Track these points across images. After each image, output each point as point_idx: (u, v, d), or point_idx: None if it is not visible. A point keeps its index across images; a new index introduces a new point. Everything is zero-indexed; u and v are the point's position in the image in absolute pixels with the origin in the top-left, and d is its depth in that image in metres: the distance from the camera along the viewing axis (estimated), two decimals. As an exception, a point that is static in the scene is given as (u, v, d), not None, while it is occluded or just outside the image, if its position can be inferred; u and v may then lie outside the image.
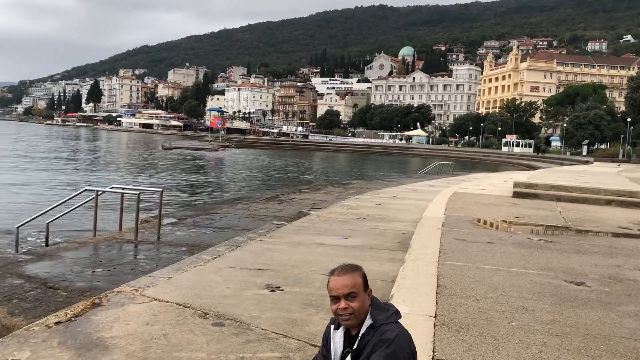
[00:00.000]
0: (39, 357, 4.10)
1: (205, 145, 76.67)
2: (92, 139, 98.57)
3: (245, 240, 9.17)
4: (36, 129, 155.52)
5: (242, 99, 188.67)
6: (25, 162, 39.26)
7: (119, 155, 57.80)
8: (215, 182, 31.66)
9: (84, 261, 8.03)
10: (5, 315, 5.73)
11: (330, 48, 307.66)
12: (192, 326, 4.99)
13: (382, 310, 2.46)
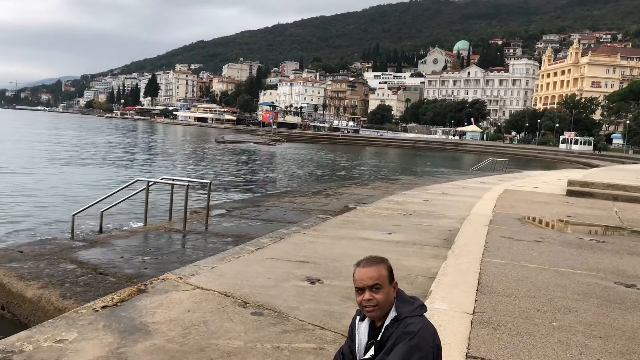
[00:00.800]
0: (84, 339, 4.30)
1: (256, 139, 77.69)
2: (149, 132, 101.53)
3: (289, 232, 9.27)
4: (96, 121, 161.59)
5: (294, 93, 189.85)
6: (84, 152, 40.92)
7: (173, 147, 59.35)
8: (264, 176, 32.08)
9: (134, 249, 8.32)
10: (58, 298, 6.02)
11: (383, 42, 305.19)
12: (231, 315, 5.10)
13: (407, 303, 2.46)
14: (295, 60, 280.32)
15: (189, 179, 11.38)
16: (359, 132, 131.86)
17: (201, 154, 49.32)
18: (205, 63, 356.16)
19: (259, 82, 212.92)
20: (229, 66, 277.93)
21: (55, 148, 43.79)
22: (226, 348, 4.32)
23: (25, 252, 7.76)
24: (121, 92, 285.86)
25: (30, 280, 6.50)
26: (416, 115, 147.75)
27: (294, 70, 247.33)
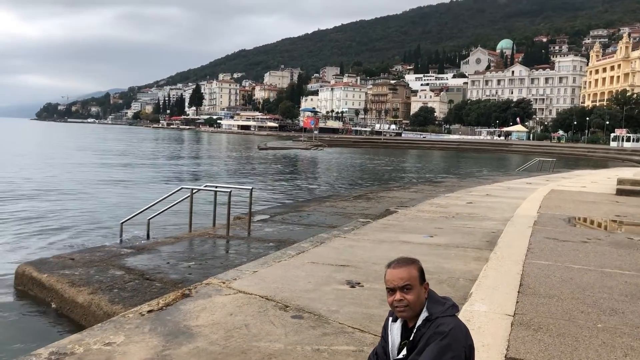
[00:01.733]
0: (131, 342, 4.46)
1: (298, 145, 78.23)
2: (194, 141, 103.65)
3: (330, 237, 9.33)
4: (144, 132, 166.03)
5: (335, 98, 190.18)
6: (133, 161, 42.10)
7: (217, 155, 60.38)
8: (306, 181, 32.27)
9: (179, 255, 8.55)
10: (107, 303, 6.26)
11: (424, 44, 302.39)
12: (272, 318, 5.20)
13: (438, 304, 2.47)
14: (335, 65, 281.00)
15: (232, 185, 11.60)
16: (401, 135, 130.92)
17: (244, 161, 50.03)
18: (247, 71, 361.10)
19: (300, 89, 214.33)
20: (270, 74, 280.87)
21: (105, 158, 45.24)
22: (267, 350, 4.40)
23: (76, 260, 8.09)
24: (167, 102, 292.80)
25: (81, 286, 6.78)
26: (460, 117, 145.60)
27: (335, 75, 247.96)
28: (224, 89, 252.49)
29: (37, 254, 10.66)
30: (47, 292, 7.14)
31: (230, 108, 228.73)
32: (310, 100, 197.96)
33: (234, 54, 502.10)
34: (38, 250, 11.35)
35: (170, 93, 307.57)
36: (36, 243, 12.15)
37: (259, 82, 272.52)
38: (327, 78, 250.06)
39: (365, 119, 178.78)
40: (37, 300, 7.36)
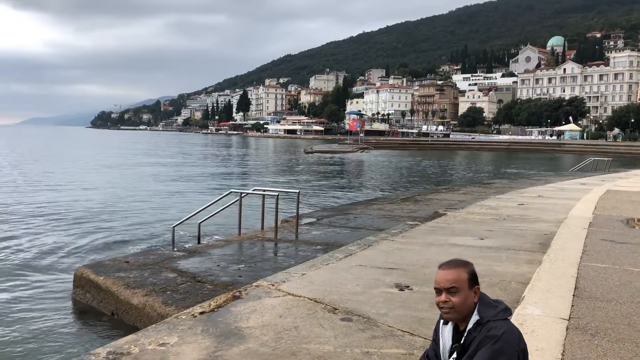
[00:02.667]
0: (184, 342, 4.57)
1: (344, 148, 78.21)
2: (242, 146, 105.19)
3: (377, 239, 9.29)
4: (193, 138, 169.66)
5: (381, 100, 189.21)
6: (185, 167, 43.09)
7: (265, 160, 61.08)
8: (352, 184, 32.22)
9: (229, 258, 8.69)
10: (160, 304, 6.43)
11: (471, 43, 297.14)
12: (321, 320, 5.22)
13: (490, 307, 2.43)
14: (381, 67, 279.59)
15: (279, 189, 11.72)
16: (449, 136, 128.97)
17: (291, 165, 50.42)
18: (293, 76, 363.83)
19: (345, 92, 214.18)
20: (315, 78, 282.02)
21: (157, 164, 46.48)
22: (317, 352, 4.43)
23: (131, 262, 8.34)
24: (215, 108, 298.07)
25: (135, 289, 6.99)
26: (509, 116, 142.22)
27: (380, 77, 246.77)
28: (270, 94, 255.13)
29: (94, 256, 11.08)
30: (103, 294, 7.40)
31: (277, 113, 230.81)
32: (355, 103, 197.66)
33: (280, 59, 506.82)
34: (95, 252, 11.80)
35: (218, 99, 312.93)
36: (93, 246, 12.63)
37: (304, 87, 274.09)
38: (372, 80, 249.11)
39: (412, 120, 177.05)
40: (94, 301, 7.64)
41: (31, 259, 11.27)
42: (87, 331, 7.01)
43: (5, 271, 10.33)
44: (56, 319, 7.46)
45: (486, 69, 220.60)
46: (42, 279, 9.58)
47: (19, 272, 10.20)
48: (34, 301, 8.33)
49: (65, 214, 17.52)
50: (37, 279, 9.59)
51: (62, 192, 23.98)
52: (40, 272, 10.13)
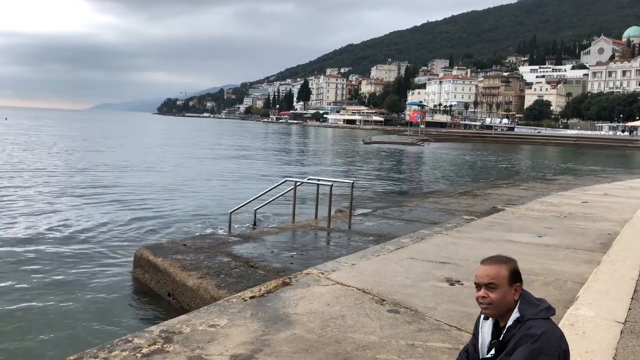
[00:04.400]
0: (234, 325, 4.71)
1: (403, 140, 77.38)
2: (301, 135, 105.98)
3: (431, 233, 9.20)
4: (254, 126, 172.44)
5: (443, 91, 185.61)
6: (244, 154, 43.90)
7: (322, 149, 61.33)
8: (410, 176, 31.89)
9: (282, 245, 8.84)
10: (213, 287, 6.64)
11: (540, 34, 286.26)
12: (368, 310, 5.25)
13: (531, 305, 2.38)
14: (444, 57, 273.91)
15: (333, 179, 11.78)
16: (514, 129, 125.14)
17: (348, 155, 50.38)
18: (354, 66, 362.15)
19: (407, 82, 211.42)
20: (377, 68, 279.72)
21: (218, 150, 47.56)
22: (361, 342, 4.46)
23: (188, 245, 8.63)
24: (276, 97, 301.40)
25: (191, 271, 7.23)
26: (578, 110, 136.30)
27: (444, 68, 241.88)
28: (330, 84, 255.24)
29: (154, 238, 11.54)
30: (161, 275, 7.70)
31: (337, 102, 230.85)
32: (417, 94, 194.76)
33: (342, 48, 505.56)
34: (155, 235, 12.26)
35: (279, 88, 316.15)
36: (153, 228, 13.13)
37: (365, 77, 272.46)
38: (435, 71, 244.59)
39: (475, 112, 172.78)
40: (152, 281, 7.96)
41: (96, 238, 11.85)
42: (144, 309, 7.33)
43: (72, 247, 10.92)
44: (116, 295, 7.84)
45: (555, 60, 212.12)
46: (105, 258, 10.06)
47: (84, 250, 10.77)
48: (98, 278, 8.77)
49: (130, 196, 18.29)
50: (100, 257, 10.08)
51: (130, 175, 25.02)
52: (104, 250, 10.65)
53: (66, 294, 7.94)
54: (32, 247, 10.91)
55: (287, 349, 4.26)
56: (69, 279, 8.62)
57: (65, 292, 8.02)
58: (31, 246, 10.95)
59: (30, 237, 11.72)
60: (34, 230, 12.42)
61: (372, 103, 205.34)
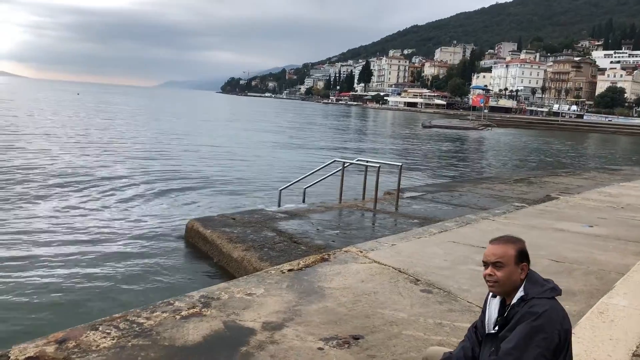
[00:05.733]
0: (269, 294, 4.95)
1: (464, 124, 75.72)
2: (360, 117, 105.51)
3: (477, 218, 9.15)
4: (314, 107, 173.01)
5: (510, 76, 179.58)
6: (300, 134, 44.32)
7: (379, 131, 60.94)
8: (466, 161, 31.31)
9: (326, 223, 9.04)
10: (256, 260, 6.92)
11: (618, 17, 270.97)
12: (401, 289, 5.36)
13: (536, 285, 2.44)
14: (512, 40, 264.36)
15: (382, 161, 11.81)
16: (583, 117, 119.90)
17: (405, 138, 49.88)
18: (418, 48, 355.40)
19: (472, 65, 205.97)
20: (441, 50, 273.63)
21: (277, 129, 48.21)
22: (390, 318, 4.60)
23: (237, 219, 8.97)
24: (337, 79, 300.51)
25: (237, 243, 7.55)
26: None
27: (511, 51, 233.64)
28: (392, 66, 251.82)
29: (206, 211, 12.02)
30: (209, 246, 8.07)
31: (398, 85, 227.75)
32: (482, 78, 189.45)
33: (406, 29, 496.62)
34: (207, 208, 12.78)
35: (340, 69, 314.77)
36: (206, 201, 13.71)
37: (429, 59, 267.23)
38: (502, 54, 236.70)
39: (543, 98, 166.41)
40: (201, 251, 8.37)
41: (154, 209, 12.50)
42: (191, 276, 7.74)
43: (131, 216, 11.57)
44: (168, 263, 8.28)
45: (633, 45, 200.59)
46: (161, 228, 10.60)
47: (143, 218, 11.40)
48: (153, 247, 9.27)
49: (190, 169, 19.11)
50: (157, 227, 10.62)
51: (192, 150, 25.89)
52: (160, 221, 11.21)
53: (124, 259, 8.47)
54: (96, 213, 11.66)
55: (317, 319, 4.45)
56: (127, 249, 9.14)
57: (124, 258, 8.56)
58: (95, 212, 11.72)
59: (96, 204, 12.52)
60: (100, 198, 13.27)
61: (435, 86, 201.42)
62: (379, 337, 4.21)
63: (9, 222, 10.42)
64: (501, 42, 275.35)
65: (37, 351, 3.58)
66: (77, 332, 3.92)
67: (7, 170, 16.53)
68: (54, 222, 10.69)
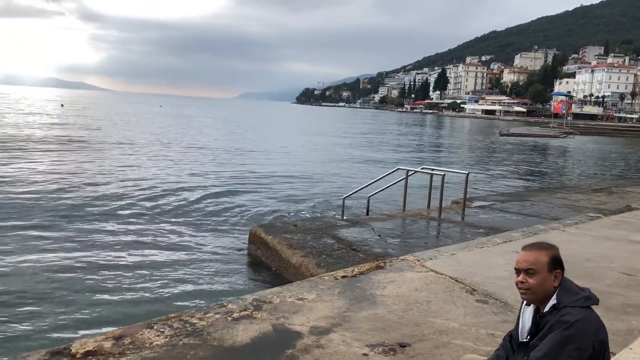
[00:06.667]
0: (320, 300, 5.00)
1: (545, 132, 72.70)
2: (435, 125, 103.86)
3: (546, 228, 8.81)
4: (388, 115, 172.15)
5: (595, 81, 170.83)
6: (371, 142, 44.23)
7: (453, 140, 59.64)
8: (543, 170, 30.00)
9: (387, 231, 8.99)
10: (314, 266, 7.01)
11: None
12: (455, 299, 5.26)
13: (570, 293, 2.35)
14: (599, 44, 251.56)
15: (447, 169, 11.59)
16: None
17: (480, 146, 48.55)
18: (496, 54, 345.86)
19: (554, 71, 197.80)
20: (521, 55, 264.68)
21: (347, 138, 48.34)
22: (440, 327, 4.53)
23: (298, 226, 9.11)
24: (412, 87, 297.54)
25: (296, 250, 7.67)
26: None
27: (597, 55, 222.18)
28: (470, 73, 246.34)
29: (270, 218, 12.31)
30: (270, 252, 8.25)
31: (475, 92, 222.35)
32: (565, 84, 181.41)
33: (484, 36, 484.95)
34: (271, 215, 13.08)
35: (416, 78, 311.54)
36: (271, 208, 14.06)
37: (508, 65, 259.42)
38: (587, 59, 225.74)
39: (632, 104, 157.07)
40: (262, 257, 8.57)
41: (223, 214, 12.94)
42: (250, 279, 7.95)
43: (200, 220, 12.05)
44: (231, 267, 8.58)
45: None
46: (227, 233, 10.97)
47: (211, 223, 11.85)
48: (219, 250, 9.62)
49: (257, 178, 19.62)
50: (223, 232, 11.01)
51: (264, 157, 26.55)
52: (226, 226, 11.60)
53: (187, 263, 8.84)
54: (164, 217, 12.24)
55: (365, 326, 4.46)
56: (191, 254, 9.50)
57: (187, 261, 8.93)
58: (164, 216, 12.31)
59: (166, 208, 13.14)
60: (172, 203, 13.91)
61: (514, 93, 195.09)
62: (426, 345, 4.16)
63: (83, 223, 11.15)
64: (586, 46, 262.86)
65: (96, 346, 3.82)
66: (133, 329, 4.15)
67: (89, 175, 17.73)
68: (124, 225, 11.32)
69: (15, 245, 9.39)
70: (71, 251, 9.20)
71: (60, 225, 11.05)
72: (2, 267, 8.21)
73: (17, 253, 8.94)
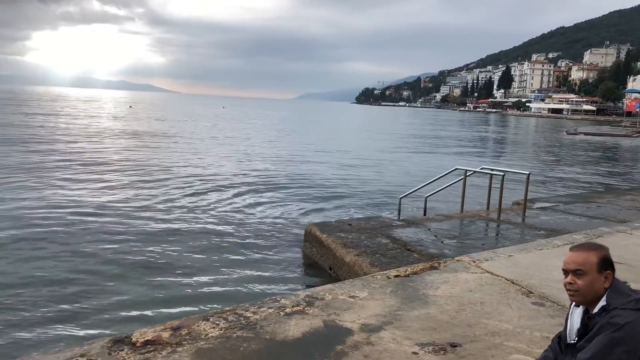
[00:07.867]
0: (372, 298, 5.03)
1: (615, 131, 69.34)
2: (499, 124, 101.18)
3: (612, 231, 8.48)
4: (450, 115, 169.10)
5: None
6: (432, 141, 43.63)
7: (517, 139, 57.90)
8: (612, 171, 28.62)
9: (444, 232, 8.88)
10: (367, 265, 7.03)
11: None
12: (511, 300, 5.17)
13: (621, 295, 2.29)
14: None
15: (507, 169, 11.31)
16: None
17: (545, 146, 46.90)
18: (564, 50, 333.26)
19: (627, 67, 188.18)
20: (591, 52, 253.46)
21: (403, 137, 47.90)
22: (493, 328, 4.47)
23: (353, 225, 9.16)
24: (475, 85, 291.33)
25: (350, 248, 7.72)
26: None
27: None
28: (535, 70, 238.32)
29: (325, 217, 12.41)
30: (324, 250, 8.34)
31: (542, 90, 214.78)
32: (639, 81, 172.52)
33: (551, 32, 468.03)
34: (327, 213, 13.20)
35: (479, 76, 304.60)
36: (328, 207, 14.20)
37: (577, 62, 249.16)
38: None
39: None
40: (317, 255, 8.67)
41: (277, 212, 13.18)
42: (304, 276, 8.08)
43: (257, 218, 12.31)
44: (286, 264, 8.74)
45: None
46: (283, 232, 11.15)
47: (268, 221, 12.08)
48: (274, 248, 9.81)
49: (315, 177, 19.81)
50: (280, 231, 11.20)
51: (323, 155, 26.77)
52: (281, 224, 11.80)
53: (244, 259, 9.07)
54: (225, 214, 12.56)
55: (416, 325, 4.46)
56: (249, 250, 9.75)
57: (244, 258, 9.17)
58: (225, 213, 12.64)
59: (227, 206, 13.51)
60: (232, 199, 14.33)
61: (584, 91, 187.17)
62: (477, 346, 4.12)
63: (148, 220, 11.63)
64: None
65: (155, 336, 4.01)
66: (190, 321, 4.33)
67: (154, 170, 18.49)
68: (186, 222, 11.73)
69: (91, 237, 9.96)
70: (132, 245, 9.65)
71: (131, 218, 11.62)
72: (78, 259, 8.69)
73: (92, 242, 9.50)
